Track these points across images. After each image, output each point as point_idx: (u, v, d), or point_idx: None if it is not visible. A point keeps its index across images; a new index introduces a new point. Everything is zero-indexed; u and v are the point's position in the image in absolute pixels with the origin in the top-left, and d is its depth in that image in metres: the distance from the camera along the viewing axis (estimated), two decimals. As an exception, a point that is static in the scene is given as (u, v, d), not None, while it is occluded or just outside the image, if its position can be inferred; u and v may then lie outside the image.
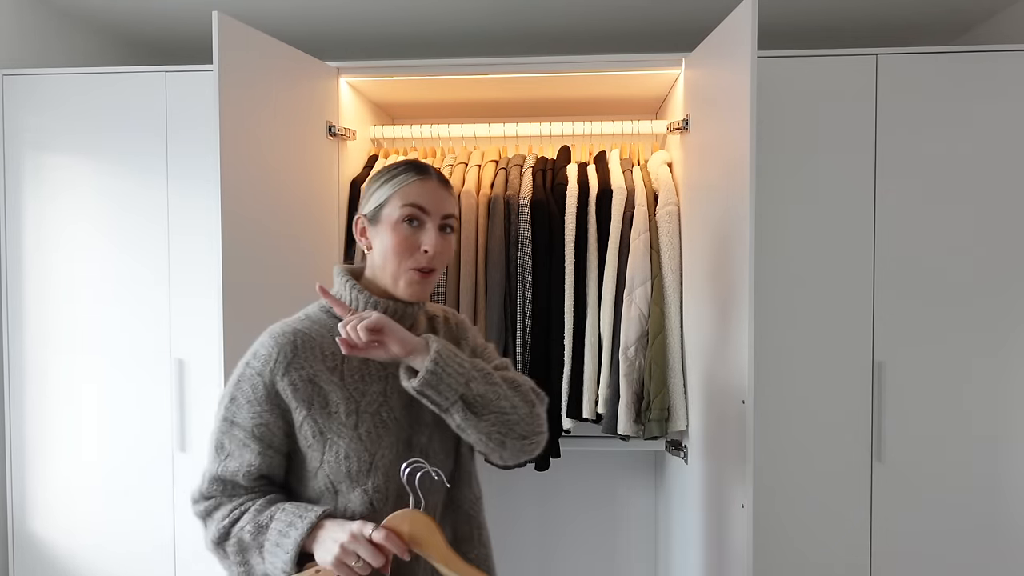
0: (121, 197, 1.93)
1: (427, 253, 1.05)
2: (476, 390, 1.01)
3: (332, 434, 1.01)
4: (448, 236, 1.09)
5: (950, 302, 1.78)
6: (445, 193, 1.08)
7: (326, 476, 1.01)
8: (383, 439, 1.02)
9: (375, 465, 1.01)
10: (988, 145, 1.76)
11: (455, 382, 1.00)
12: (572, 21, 2.20)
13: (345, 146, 1.94)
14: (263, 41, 1.60)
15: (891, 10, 2.11)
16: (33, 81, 1.93)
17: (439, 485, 1.05)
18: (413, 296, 1.06)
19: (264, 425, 1.00)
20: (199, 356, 1.91)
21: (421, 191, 1.06)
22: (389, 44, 2.40)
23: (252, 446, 1.00)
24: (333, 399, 1.01)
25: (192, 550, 1.93)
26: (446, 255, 1.09)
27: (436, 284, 1.15)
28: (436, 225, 1.06)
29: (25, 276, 1.95)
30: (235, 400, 1.01)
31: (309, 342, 1.03)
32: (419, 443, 1.07)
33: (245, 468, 1.00)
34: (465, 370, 1.01)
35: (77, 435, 1.95)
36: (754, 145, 1.31)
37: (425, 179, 1.07)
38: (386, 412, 1.04)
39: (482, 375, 1.03)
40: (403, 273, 1.05)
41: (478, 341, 1.20)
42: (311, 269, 1.79)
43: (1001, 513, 1.79)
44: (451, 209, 1.08)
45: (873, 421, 1.80)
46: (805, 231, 1.80)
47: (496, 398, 1.03)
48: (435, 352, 0.99)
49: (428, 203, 1.05)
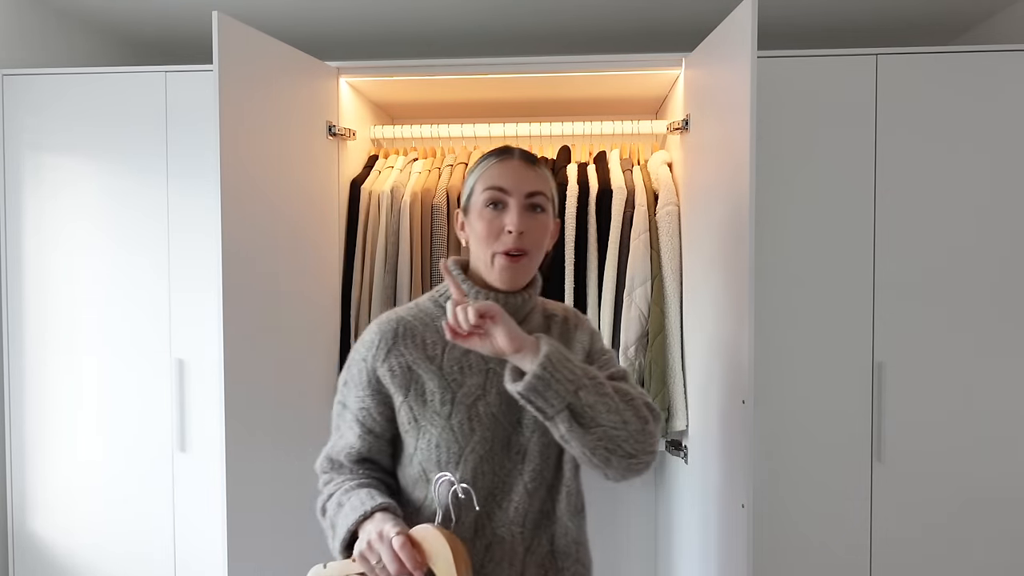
0: (121, 197, 1.93)
1: (511, 233, 1.01)
2: (585, 400, 0.94)
3: (426, 421, 1.01)
4: (538, 215, 1.04)
5: (950, 302, 1.78)
6: (529, 171, 1.04)
7: (419, 463, 1.03)
8: (475, 432, 1.01)
9: (464, 458, 1.00)
10: (988, 145, 1.76)
11: (563, 389, 0.93)
12: (572, 21, 2.20)
13: (345, 146, 1.94)
14: (263, 41, 1.60)
15: (891, 10, 2.11)
16: (33, 81, 1.93)
17: (468, 503, 1.00)
18: (506, 283, 1.03)
19: (365, 409, 1.04)
20: (199, 356, 1.91)
21: (502, 172, 1.04)
22: (389, 44, 2.39)
23: (355, 429, 1.05)
24: (430, 387, 1.02)
25: (192, 550, 1.93)
26: (537, 235, 1.04)
27: (533, 269, 1.07)
28: (520, 204, 1.02)
29: (25, 276, 1.95)
30: (347, 384, 1.06)
31: (411, 329, 1.04)
32: (518, 444, 1.04)
33: (347, 450, 1.06)
34: (576, 377, 0.95)
35: (77, 435, 1.95)
36: (754, 145, 1.31)
37: (505, 160, 1.05)
38: (483, 406, 1.02)
39: (594, 384, 0.96)
40: (493, 259, 1.03)
41: (597, 346, 1.13)
42: (311, 269, 1.79)
43: (1001, 513, 1.79)
44: (537, 186, 1.04)
45: (873, 421, 1.80)
46: (805, 231, 1.80)
47: (606, 411, 0.96)
48: (544, 355, 0.93)
49: (508, 183, 1.03)
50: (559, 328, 1.12)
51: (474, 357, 1.04)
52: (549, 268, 1.82)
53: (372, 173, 1.99)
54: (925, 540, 1.80)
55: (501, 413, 1.03)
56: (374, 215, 1.90)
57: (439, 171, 1.97)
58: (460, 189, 1.87)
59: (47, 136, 1.93)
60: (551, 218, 1.08)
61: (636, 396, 1.02)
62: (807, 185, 1.80)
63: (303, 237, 1.75)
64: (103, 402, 1.94)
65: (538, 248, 1.05)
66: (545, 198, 1.05)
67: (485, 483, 1.01)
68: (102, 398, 1.94)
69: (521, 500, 1.03)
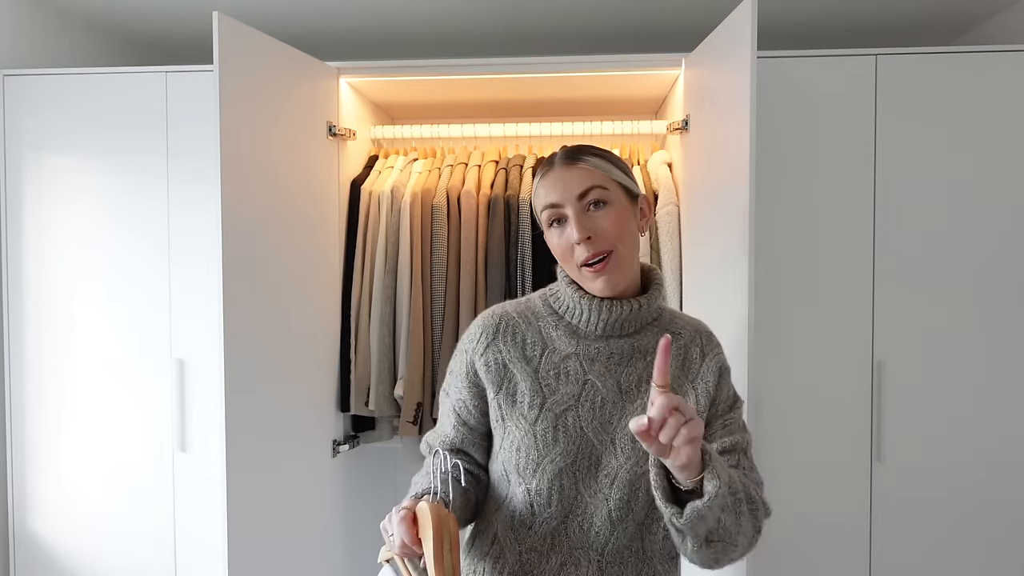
0: (122, 197, 1.93)
1: (580, 244, 0.95)
2: (724, 522, 0.84)
3: (511, 422, 0.98)
4: (602, 211, 0.95)
5: (950, 302, 1.78)
6: (572, 171, 0.96)
7: (502, 463, 1.00)
8: (558, 443, 0.95)
9: (542, 467, 0.95)
10: (988, 145, 1.76)
11: (711, 518, 0.82)
12: (572, 21, 2.20)
13: (345, 146, 1.94)
14: (263, 41, 1.60)
15: (891, 10, 2.11)
16: (34, 81, 1.93)
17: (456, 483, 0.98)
18: (604, 291, 0.97)
19: (462, 401, 1.03)
20: (200, 356, 1.91)
21: (548, 187, 0.98)
22: (389, 44, 2.40)
23: (451, 419, 1.05)
24: (521, 388, 0.98)
25: (192, 550, 1.93)
26: (610, 230, 0.95)
27: (628, 264, 0.98)
28: (577, 211, 0.95)
29: (25, 276, 1.95)
30: (451, 373, 1.06)
31: (512, 326, 1.01)
32: (608, 467, 0.95)
33: (442, 438, 1.06)
34: (726, 505, 0.82)
35: (77, 435, 1.95)
36: (754, 145, 1.31)
37: (546, 173, 0.99)
38: (572, 418, 0.96)
39: (734, 502, 0.85)
40: (579, 274, 0.98)
41: (724, 393, 1.00)
42: (311, 269, 1.79)
43: (1001, 513, 1.78)
44: (585, 183, 0.95)
45: (873, 421, 1.80)
46: (805, 231, 1.80)
47: (735, 532, 0.86)
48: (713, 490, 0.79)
49: (556, 195, 0.96)
50: (681, 354, 1.00)
51: (573, 365, 0.98)
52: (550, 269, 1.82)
53: (372, 173, 1.99)
54: (925, 540, 1.80)
55: (592, 429, 0.96)
56: (374, 215, 1.90)
57: (439, 171, 1.98)
58: (460, 189, 1.89)
59: (48, 136, 1.94)
60: (620, 204, 0.97)
61: (758, 499, 0.91)
62: (807, 185, 1.80)
63: (303, 237, 1.75)
64: (103, 402, 1.94)
65: (619, 241, 0.95)
66: (602, 189, 0.96)
67: (564, 498, 0.95)
68: (102, 398, 1.94)
69: (603, 527, 0.95)
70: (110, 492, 1.95)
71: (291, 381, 1.70)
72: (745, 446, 0.97)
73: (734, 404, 1.00)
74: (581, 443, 0.95)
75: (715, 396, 0.99)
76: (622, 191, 0.98)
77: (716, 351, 1.02)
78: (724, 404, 0.99)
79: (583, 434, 0.95)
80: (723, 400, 0.99)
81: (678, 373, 0.99)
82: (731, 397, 1.01)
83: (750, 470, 0.96)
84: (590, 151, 0.99)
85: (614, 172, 0.98)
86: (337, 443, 1.90)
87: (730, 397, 1.00)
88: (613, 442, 0.96)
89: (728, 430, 0.98)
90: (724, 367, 1.01)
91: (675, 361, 0.99)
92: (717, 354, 1.02)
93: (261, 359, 1.59)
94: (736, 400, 1.01)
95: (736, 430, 0.98)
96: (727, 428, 0.98)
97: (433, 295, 1.87)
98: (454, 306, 1.86)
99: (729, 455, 0.96)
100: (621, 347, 0.99)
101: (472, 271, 1.84)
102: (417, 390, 1.84)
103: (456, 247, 1.87)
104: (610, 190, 0.96)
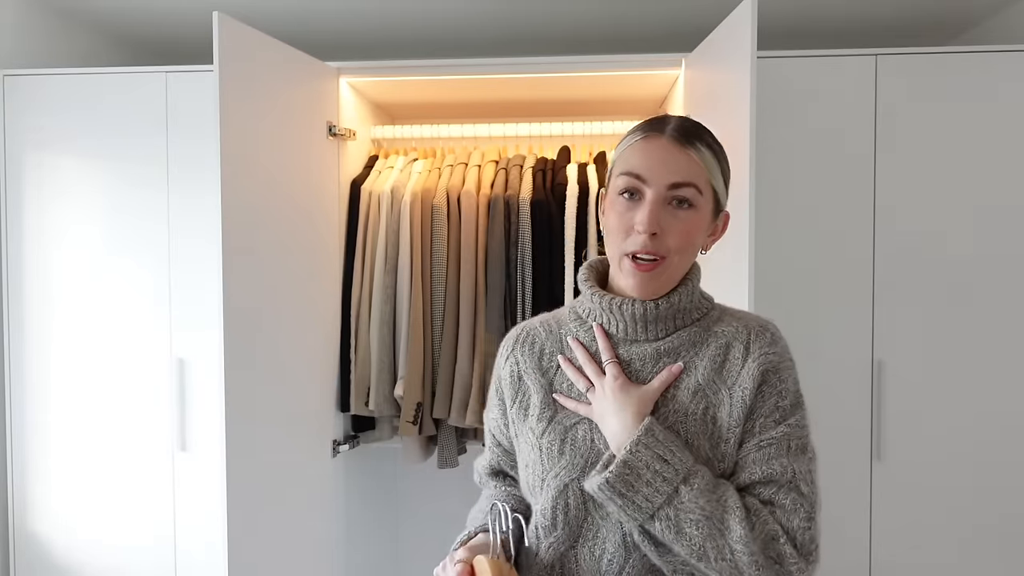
0: (122, 197, 1.93)
1: (641, 234, 0.80)
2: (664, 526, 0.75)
3: (522, 438, 0.90)
4: (684, 212, 0.81)
5: (950, 302, 1.78)
6: (680, 154, 0.81)
7: (524, 483, 0.91)
8: (563, 458, 0.83)
9: (547, 483, 0.84)
10: (988, 145, 1.76)
11: (643, 502, 0.75)
12: (572, 22, 2.20)
13: (345, 146, 1.94)
14: (263, 41, 1.60)
15: (891, 10, 2.11)
16: (34, 81, 1.93)
17: (518, 534, 0.87)
18: (635, 292, 0.84)
19: (494, 420, 0.97)
20: (200, 356, 1.91)
21: (643, 153, 0.82)
22: (389, 44, 2.39)
23: (489, 440, 0.99)
24: (533, 400, 0.89)
25: (192, 550, 1.93)
26: (680, 237, 0.81)
27: (673, 278, 0.85)
28: (658, 197, 0.81)
29: (26, 276, 1.95)
30: (490, 393, 0.99)
31: (532, 336, 0.93)
32: None
33: (484, 462, 1.01)
34: (659, 492, 0.75)
35: (77, 434, 1.95)
36: (754, 145, 1.31)
37: (650, 137, 0.83)
38: (583, 431, 0.84)
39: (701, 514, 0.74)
40: (620, 260, 0.84)
41: (772, 402, 0.81)
42: (312, 269, 1.79)
43: (1001, 513, 1.78)
44: (686, 175, 0.81)
45: (873, 421, 1.80)
46: (805, 231, 1.80)
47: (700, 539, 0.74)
48: (632, 446, 0.75)
49: (647, 168, 0.81)
50: (720, 354, 0.84)
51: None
52: (550, 269, 1.82)
53: (372, 173, 1.99)
54: (925, 539, 1.80)
55: (604, 442, 0.83)
56: (374, 215, 1.90)
57: (439, 171, 1.98)
58: (460, 189, 1.89)
59: (48, 136, 1.93)
60: (705, 214, 0.83)
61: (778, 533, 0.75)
62: (807, 185, 1.80)
63: (304, 237, 1.75)
64: (104, 402, 1.94)
65: (681, 251, 0.82)
66: (696, 191, 0.81)
67: (570, 520, 0.82)
68: (103, 398, 1.94)
69: (617, 553, 0.80)
70: (110, 492, 1.95)
71: (291, 381, 1.71)
72: (791, 477, 0.77)
73: (783, 419, 0.80)
74: (590, 456, 0.82)
75: (752, 406, 0.81)
76: (713, 200, 0.85)
77: (765, 350, 0.83)
78: (767, 418, 0.80)
79: (593, 447, 0.83)
80: (764, 412, 0.81)
81: (714, 378, 0.83)
82: (780, 409, 0.81)
83: (788, 511, 0.76)
84: (708, 139, 0.84)
85: (717, 177, 0.84)
86: (337, 443, 1.91)
87: (778, 409, 0.81)
88: None
89: (764, 454, 0.79)
90: (770, 369, 0.82)
91: (712, 364, 0.84)
92: (764, 353, 0.83)
93: (261, 359, 1.59)
94: (789, 414, 0.81)
95: (778, 455, 0.78)
96: (762, 451, 0.79)
97: (433, 295, 1.87)
98: (454, 306, 1.86)
99: (762, 488, 0.78)
100: (643, 352, 0.86)
101: (472, 271, 1.84)
102: (417, 390, 1.84)
103: (456, 247, 1.87)
104: (704, 195, 0.82)
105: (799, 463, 0.78)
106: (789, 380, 0.83)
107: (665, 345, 0.85)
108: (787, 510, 0.76)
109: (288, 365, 1.69)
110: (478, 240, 1.85)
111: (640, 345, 0.87)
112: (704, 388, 0.82)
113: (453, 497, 1.83)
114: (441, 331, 1.87)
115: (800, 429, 0.81)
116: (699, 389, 0.83)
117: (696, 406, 0.82)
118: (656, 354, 0.86)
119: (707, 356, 0.84)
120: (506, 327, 1.80)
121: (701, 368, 0.83)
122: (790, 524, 0.75)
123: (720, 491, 0.76)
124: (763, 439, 0.79)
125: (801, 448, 0.80)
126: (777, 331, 0.87)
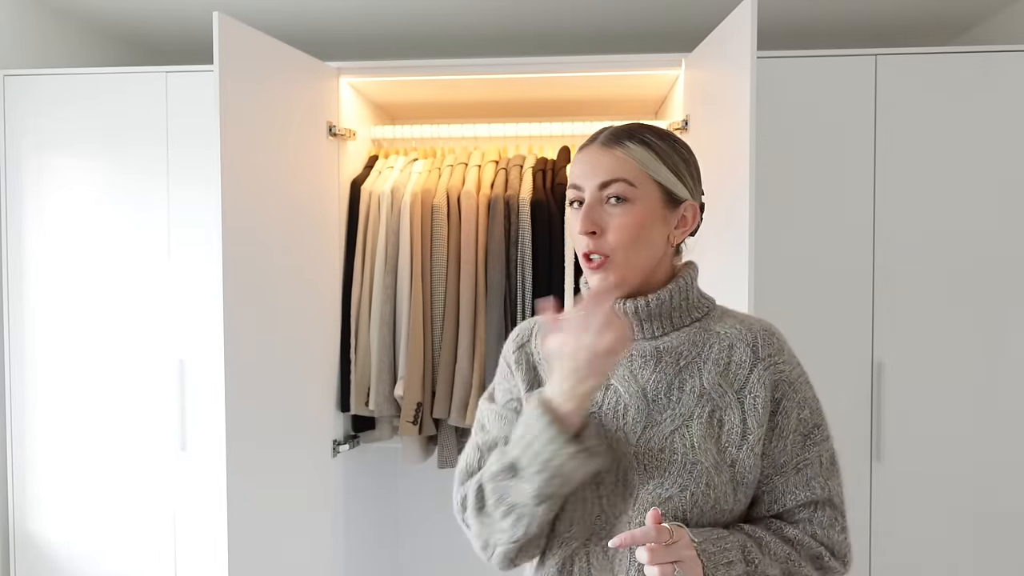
0: (122, 197, 1.92)
1: (583, 236, 0.83)
2: None
3: None
4: (616, 207, 0.82)
5: (950, 302, 1.78)
6: (604, 157, 0.84)
7: None
8: None
9: None
10: (988, 145, 1.76)
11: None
12: (572, 21, 2.20)
13: (345, 146, 1.94)
14: (263, 41, 1.61)
15: (891, 10, 2.11)
16: (34, 81, 1.93)
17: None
18: None
19: (504, 390, 0.94)
20: (200, 356, 1.91)
21: (578, 163, 0.87)
22: (389, 44, 2.40)
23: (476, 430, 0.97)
24: None
25: (192, 550, 1.93)
26: (620, 233, 0.82)
27: (630, 276, 0.85)
28: (593, 199, 0.83)
29: (26, 276, 1.95)
30: (494, 390, 0.97)
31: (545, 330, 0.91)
32: (631, 484, 0.81)
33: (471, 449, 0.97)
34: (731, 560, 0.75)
35: (78, 435, 1.95)
36: (754, 145, 1.31)
37: (584, 148, 0.87)
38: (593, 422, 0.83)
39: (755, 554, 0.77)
40: (583, 264, 0.86)
41: (796, 416, 0.82)
42: (312, 269, 1.79)
43: (1001, 513, 1.78)
44: (612, 172, 0.82)
45: (873, 421, 1.80)
46: (805, 231, 1.80)
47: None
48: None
49: (581, 175, 0.85)
50: (724, 356, 0.84)
51: None
52: (550, 268, 1.82)
53: (372, 173, 1.99)
54: (925, 539, 1.80)
55: (614, 439, 0.81)
56: (374, 215, 1.90)
57: (439, 171, 1.98)
58: (460, 189, 1.89)
59: (48, 136, 1.93)
60: (648, 206, 0.83)
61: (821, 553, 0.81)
62: (807, 185, 1.80)
63: (304, 237, 1.75)
64: (104, 402, 1.94)
65: (627, 247, 0.82)
66: (627, 184, 0.82)
67: (584, 517, 0.82)
68: (103, 398, 1.94)
69: (632, 557, 0.79)
70: (110, 492, 1.95)
71: (291, 381, 1.71)
72: (828, 495, 0.82)
73: (810, 434, 0.83)
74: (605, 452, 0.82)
75: (777, 425, 0.82)
76: (659, 191, 0.84)
77: (775, 358, 0.82)
78: (795, 434, 0.82)
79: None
80: (791, 429, 0.81)
81: (719, 381, 0.82)
82: (804, 423, 0.82)
83: (826, 527, 0.83)
84: (639, 136, 0.85)
85: (656, 168, 0.84)
86: (337, 443, 1.91)
87: (803, 423, 0.82)
88: (636, 455, 0.81)
89: (802, 477, 0.82)
90: (784, 381, 0.82)
91: (716, 367, 0.83)
92: (775, 362, 0.82)
93: (261, 359, 1.59)
94: (815, 426, 0.83)
95: (816, 475, 0.82)
96: (801, 474, 0.82)
97: (433, 295, 1.87)
98: (454, 306, 1.86)
99: (803, 510, 0.83)
100: (643, 349, 0.86)
101: (472, 271, 1.84)
102: (417, 390, 1.84)
103: (456, 247, 1.87)
104: (639, 187, 0.83)
105: (832, 479, 0.84)
106: (806, 389, 0.85)
107: (664, 344, 0.85)
108: (825, 525, 0.82)
109: (288, 365, 1.69)
110: (478, 240, 1.85)
111: (639, 343, 0.87)
112: (710, 391, 0.82)
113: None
114: (441, 331, 1.87)
115: (827, 440, 0.85)
116: (704, 392, 0.83)
117: (701, 409, 0.82)
118: (656, 352, 0.85)
119: (711, 359, 0.84)
120: (506, 327, 1.80)
121: (706, 372, 0.83)
122: (829, 539, 0.82)
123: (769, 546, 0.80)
124: (799, 461, 0.83)
125: (831, 460, 0.85)
126: (781, 335, 0.88)
